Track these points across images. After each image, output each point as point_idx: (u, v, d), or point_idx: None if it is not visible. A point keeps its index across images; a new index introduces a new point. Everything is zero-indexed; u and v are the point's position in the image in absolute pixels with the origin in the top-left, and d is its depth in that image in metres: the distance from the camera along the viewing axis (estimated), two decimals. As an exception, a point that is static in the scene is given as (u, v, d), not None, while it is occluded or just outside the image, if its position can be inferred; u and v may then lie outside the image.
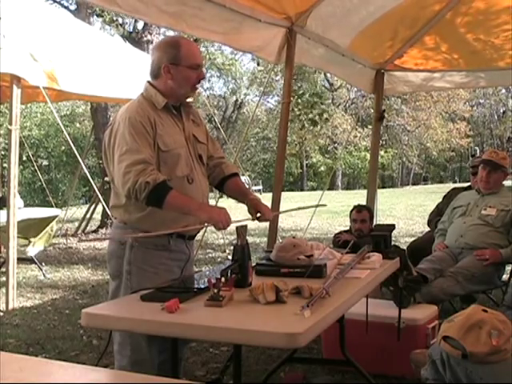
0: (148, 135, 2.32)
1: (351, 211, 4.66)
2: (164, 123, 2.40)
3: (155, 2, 3.59)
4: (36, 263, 6.55)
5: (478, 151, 23.95)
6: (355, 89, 25.24)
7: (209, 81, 31.72)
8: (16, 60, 5.02)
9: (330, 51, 5.35)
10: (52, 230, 6.85)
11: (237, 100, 31.95)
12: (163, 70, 2.41)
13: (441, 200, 5.22)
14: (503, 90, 33.50)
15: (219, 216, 2.33)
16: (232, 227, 2.39)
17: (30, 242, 6.39)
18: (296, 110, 28.71)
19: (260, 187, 25.94)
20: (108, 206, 2.58)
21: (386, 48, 5.99)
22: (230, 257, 2.49)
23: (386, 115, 6.87)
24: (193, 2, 3.84)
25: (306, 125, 29.28)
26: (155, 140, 2.34)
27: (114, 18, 13.15)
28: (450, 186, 11.70)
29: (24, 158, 15.96)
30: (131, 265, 2.38)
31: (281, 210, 5.32)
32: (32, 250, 6.44)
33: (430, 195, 17.03)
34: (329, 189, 22.05)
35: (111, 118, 2.51)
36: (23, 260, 6.43)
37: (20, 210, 5.69)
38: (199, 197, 2.49)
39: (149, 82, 2.49)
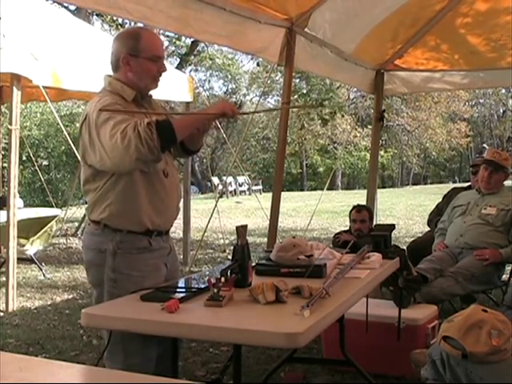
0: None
1: (351, 211, 4.65)
2: (136, 115, 2.27)
3: (159, 6, 3.60)
4: (36, 263, 6.55)
5: (486, 148, 23.48)
6: (355, 88, 25.22)
7: (209, 81, 31.73)
8: (17, 59, 5.02)
9: (331, 55, 5.36)
10: (51, 230, 6.84)
11: (236, 100, 31.93)
12: (122, 61, 2.32)
13: (441, 200, 5.23)
14: (503, 90, 33.47)
15: (224, 105, 2.33)
16: (232, 227, 2.40)
17: (29, 241, 6.39)
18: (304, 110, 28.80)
19: (260, 187, 25.89)
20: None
21: (387, 48, 5.99)
22: (229, 257, 2.49)
23: (385, 115, 6.87)
24: (194, 4, 3.85)
25: (319, 125, 29.37)
26: None
27: (114, 18, 13.14)
28: (449, 185, 11.70)
29: (24, 158, 15.95)
30: (115, 272, 2.29)
31: (281, 210, 5.33)
32: (31, 249, 6.44)
33: (429, 195, 17.02)
34: (329, 189, 22.02)
35: None
36: (23, 260, 6.43)
37: (20, 210, 5.69)
38: (174, 191, 2.43)
39: (110, 75, 2.39)
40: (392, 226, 3.43)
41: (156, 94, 2.52)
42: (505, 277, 4.46)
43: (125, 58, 2.31)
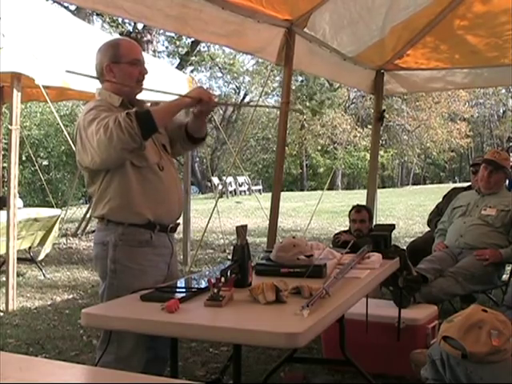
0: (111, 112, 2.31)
1: (350, 211, 4.65)
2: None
3: (158, 5, 3.60)
4: (36, 263, 6.55)
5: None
6: (355, 88, 25.25)
7: (209, 80, 31.75)
8: (18, 59, 5.01)
9: (330, 55, 5.35)
10: (56, 231, 6.85)
11: (237, 100, 31.93)
12: (105, 69, 2.44)
13: (441, 200, 5.23)
14: (503, 90, 33.49)
15: (200, 91, 2.47)
16: (232, 227, 2.41)
17: (32, 245, 6.38)
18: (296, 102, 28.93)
19: (260, 187, 25.92)
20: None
21: (388, 50, 5.99)
22: (229, 257, 2.49)
23: (386, 115, 6.86)
24: (193, 3, 3.85)
25: (305, 116, 29.54)
26: None
27: (114, 18, 13.13)
28: (449, 186, 11.71)
29: (24, 158, 15.94)
30: (116, 263, 2.36)
31: (281, 210, 5.32)
32: (42, 254, 6.51)
33: (429, 195, 17.03)
34: (329, 189, 22.04)
35: None
36: (23, 260, 6.43)
37: (20, 210, 5.68)
38: (172, 183, 2.50)
39: (98, 88, 2.53)
40: (392, 226, 3.43)
41: (156, 94, 2.57)
42: (505, 277, 4.47)
43: (108, 66, 2.44)
